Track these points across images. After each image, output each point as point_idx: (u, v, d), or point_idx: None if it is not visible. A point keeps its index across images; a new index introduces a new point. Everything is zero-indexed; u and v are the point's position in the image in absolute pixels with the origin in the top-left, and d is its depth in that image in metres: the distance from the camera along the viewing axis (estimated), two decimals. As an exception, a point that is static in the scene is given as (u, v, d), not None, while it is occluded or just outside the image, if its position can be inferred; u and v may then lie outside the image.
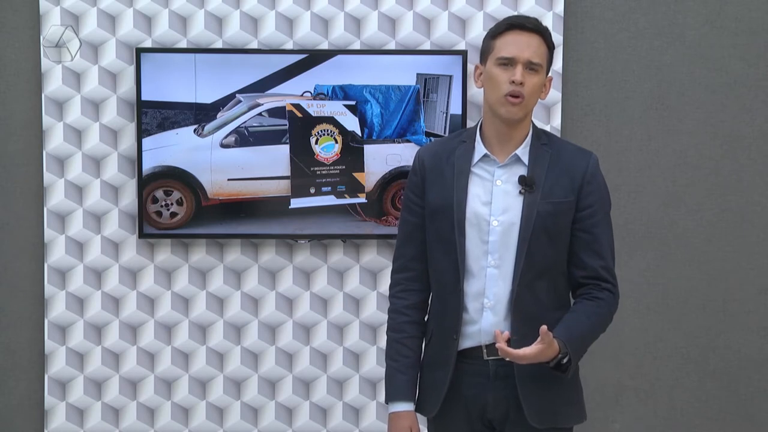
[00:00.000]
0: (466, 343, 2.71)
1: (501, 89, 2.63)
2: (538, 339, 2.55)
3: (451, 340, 2.71)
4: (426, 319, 2.83)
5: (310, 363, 3.96)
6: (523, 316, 2.66)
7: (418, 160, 2.79)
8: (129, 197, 3.89)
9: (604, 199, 2.73)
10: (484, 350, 2.70)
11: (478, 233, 2.68)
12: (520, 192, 2.67)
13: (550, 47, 2.70)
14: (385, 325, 2.86)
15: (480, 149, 2.72)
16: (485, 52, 2.71)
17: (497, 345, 2.56)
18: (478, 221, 2.68)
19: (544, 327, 2.54)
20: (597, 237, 2.70)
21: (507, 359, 2.59)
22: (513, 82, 2.62)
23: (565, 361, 2.61)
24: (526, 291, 2.66)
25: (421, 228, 2.77)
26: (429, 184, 2.75)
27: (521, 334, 2.65)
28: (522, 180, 2.67)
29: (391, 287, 2.84)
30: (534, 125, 2.75)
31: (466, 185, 2.70)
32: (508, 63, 2.63)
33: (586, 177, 2.69)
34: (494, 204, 2.68)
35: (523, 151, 2.70)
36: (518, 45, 2.63)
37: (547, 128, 3.86)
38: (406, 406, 2.77)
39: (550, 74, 2.73)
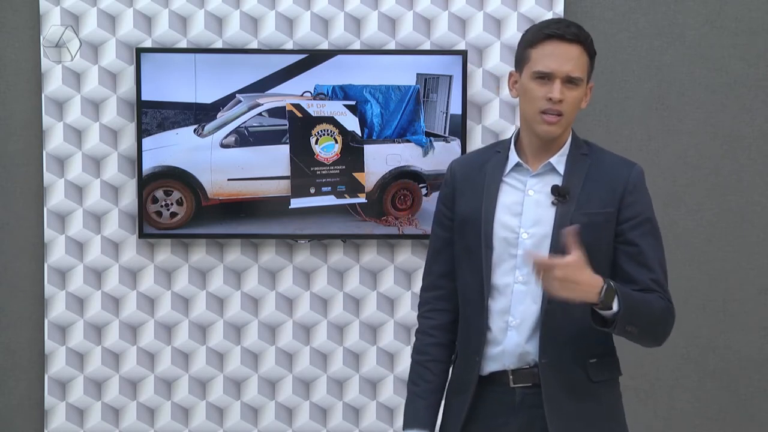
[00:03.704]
0: (490, 367, 2.50)
1: (537, 105, 2.43)
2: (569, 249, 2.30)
3: (474, 361, 2.50)
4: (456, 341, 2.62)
5: (310, 363, 3.95)
6: (554, 337, 2.45)
7: (450, 171, 2.62)
8: (129, 197, 3.89)
9: (649, 211, 2.51)
10: (510, 376, 2.48)
11: (506, 246, 2.48)
12: (552, 202, 2.46)
13: (592, 55, 2.47)
14: (385, 324, 2.84)
15: (513, 158, 2.52)
16: (520, 60, 2.48)
17: (535, 259, 2.33)
18: (506, 233, 2.48)
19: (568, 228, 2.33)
20: (642, 249, 2.47)
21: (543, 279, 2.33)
22: (551, 99, 2.41)
23: (614, 308, 2.34)
24: (558, 310, 2.42)
25: (451, 243, 2.57)
26: (459, 195, 2.56)
27: (551, 356, 2.45)
28: (555, 189, 2.45)
29: (419, 306, 2.65)
30: (574, 134, 2.53)
31: (495, 195, 2.50)
32: (545, 77, 2.41)
33: (628, 187, 2.47)
34: (525, 215, 2.47)
35: (558, 160, 2.49)
36: (557, 58, 2.41)
37: (547, 128, 3.86)
38: None
39: (591, 81, 2.50)
